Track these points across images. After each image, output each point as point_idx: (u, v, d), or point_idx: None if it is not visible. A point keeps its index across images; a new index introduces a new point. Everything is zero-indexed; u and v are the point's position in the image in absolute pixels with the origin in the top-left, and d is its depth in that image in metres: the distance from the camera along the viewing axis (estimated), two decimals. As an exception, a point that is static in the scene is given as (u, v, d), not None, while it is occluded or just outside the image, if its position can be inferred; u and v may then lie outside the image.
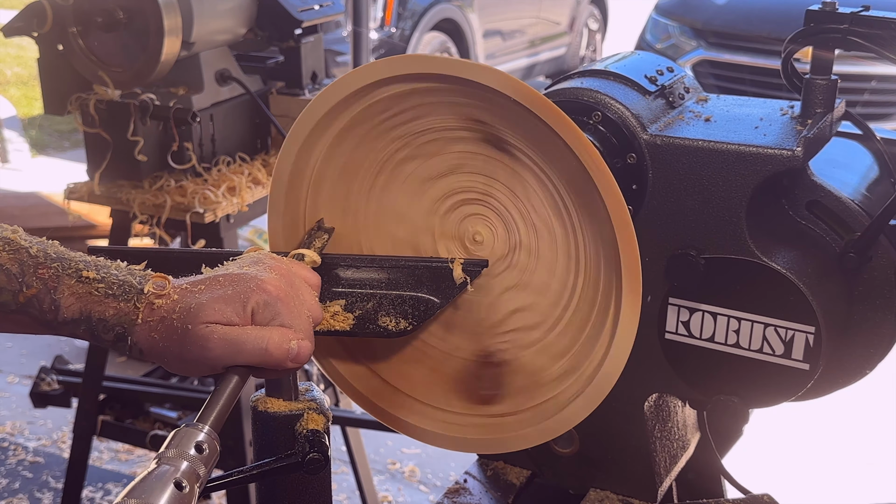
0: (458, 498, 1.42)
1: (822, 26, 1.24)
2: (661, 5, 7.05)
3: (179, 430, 0.94)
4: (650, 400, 1.34)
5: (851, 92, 5.84)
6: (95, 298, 1.00)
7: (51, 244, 1.03)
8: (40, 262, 1.00)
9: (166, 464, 0.90)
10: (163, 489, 0.87)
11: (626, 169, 1.24)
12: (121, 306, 1.00)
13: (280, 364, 1.01)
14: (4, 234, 1.01)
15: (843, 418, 3.78)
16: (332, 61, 6.60)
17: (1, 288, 0.99)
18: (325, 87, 1.19)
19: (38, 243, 1.02)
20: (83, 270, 1.00)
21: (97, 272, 1.01)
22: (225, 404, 0.99)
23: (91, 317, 1.00)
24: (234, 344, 0.99)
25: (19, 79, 9.63)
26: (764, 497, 1.36)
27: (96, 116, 2.43)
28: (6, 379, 4.35)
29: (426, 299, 1.19)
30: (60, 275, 1.00)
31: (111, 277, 1.01)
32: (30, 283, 0.99)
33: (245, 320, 1.00)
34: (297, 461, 1.12)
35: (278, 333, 1.00)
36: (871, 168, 1.38)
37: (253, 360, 1.00)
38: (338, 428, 3.02)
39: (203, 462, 0.92)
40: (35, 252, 1.00)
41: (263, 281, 1.02)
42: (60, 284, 1.00)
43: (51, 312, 1.00)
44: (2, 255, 0.99)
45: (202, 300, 0.99)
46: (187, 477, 0.90)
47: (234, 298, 1.00)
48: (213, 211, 2.45)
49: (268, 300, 1.01)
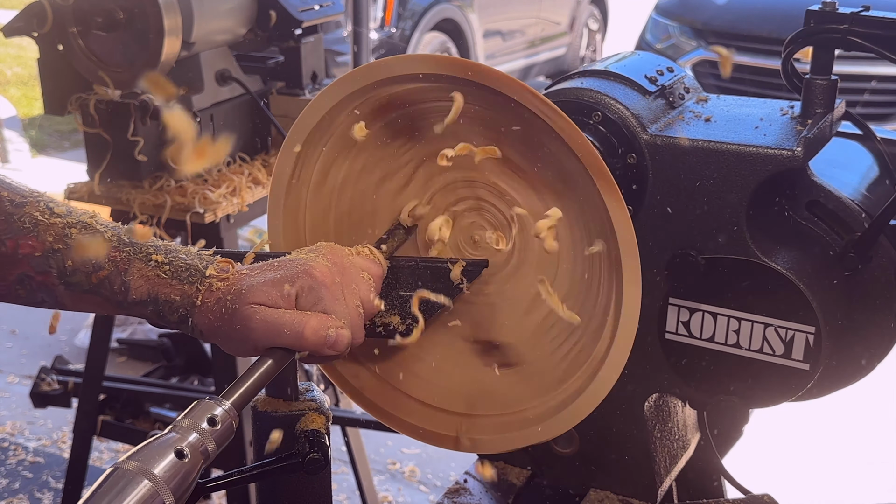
0: (458, 498, 1.42)
1: (822, 26, 1.24)
2: (661, 5, 7.05)
3: (201, 401, 0.94)
4: (650, 400, 1.34)
5: (851, 92, 5.83)
6: (163, 281, 1.05)
7: (126, 229, 1.08)
8: (114, 245, 1.06)
9: (176, 431, 0.90)
10: (163, 455, 0.87)
11: (626, 169, 1.24)
12: (185, 289, 1.04)
13: (316, 350, 1.02)
14: (83, 217, 1.07)
15: (843, 418, 3.78)
16: (332, 61, 6.59)
17: (75, 269, 1.05)
18: (326, 86, 1.19)
19: (113, 228, 1.08)
20: (153, 254, 1.06)
21: (166, 256, 1.06)
22: (253, 384, 0.99)
23: (158, 298, 1.05)
24: (273, 325, 1.01)
25: (19, 79, 9.63)
26: (764, 497, 1.36)
27: (96, 116, 2.43)
28: (6, 379, 4.35)
29: (425, 299, 1.19)
30: (131, 258, 1.05)
31: (179, 261, 1.06)
32: (102, 264, 1.05)
33: (289, 303, 1.03)
34: (297, 461, 1.12)
35: (317, 319, 1.02)
36: (871, 168, 1.38)
37: (290, 343, 1.02)
38: (338, 428, 3.02)
39: (213, 437, 0.92)
40: (109, 236, 1.06)
41: (312, 266, 1.04)
42: (131, 267, 1.05)
43: (121, 293, 1.05)
44: (77, 237, 1.05)
45: (252, 283, 1.03)
46: (192, 447, 0.89)
47: (281, 281, 1.03)
48: (213, 211, 2.45)
49: (312, 285, 1.03)
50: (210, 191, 2.48)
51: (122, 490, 0.83)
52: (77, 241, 1.05)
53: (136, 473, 0.85)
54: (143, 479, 0.84)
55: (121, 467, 0.85)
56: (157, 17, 2.29)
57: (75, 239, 1.05)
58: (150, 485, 0.85)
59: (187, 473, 0.88)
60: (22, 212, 1.05)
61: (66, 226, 1.05)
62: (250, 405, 1.20)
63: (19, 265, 1.05)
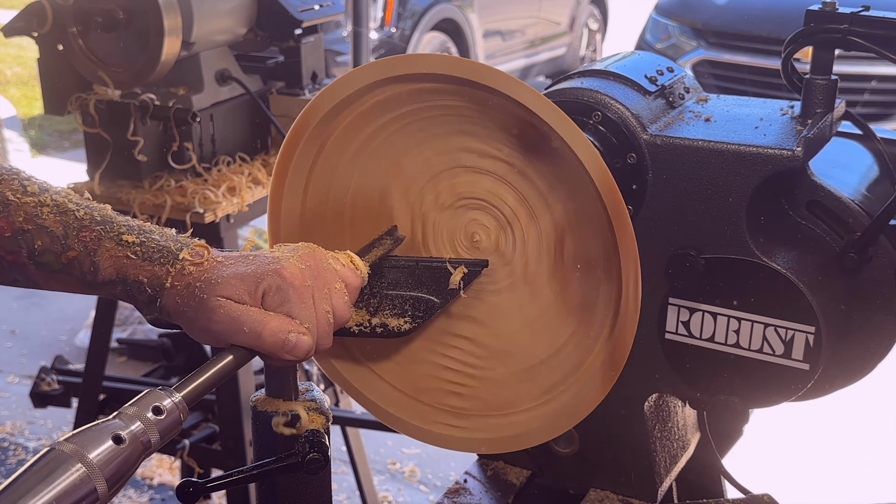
0: (458, 498, 1.42)
1: (822, 26, 1.24)
2: (661, 5, 7.05)
3: (150, 391, 0.93)
4: (650, 400, 1.34)
5: (851, 92, 5.83)
6: (132, 262, 1.04)
7: (99, 208, 1.07)
8: (84, 224, 1.05)
9: (120, 418, 0.89)
10: (101, 440, 0.86)
11: (626, 169, 1.24)
12: (154, 270, 1.03)
13: (274, 352, 1.00)
14: (56, 197, 1.06)
15: (843, 418, 3.78)
16: (332, 61, 6.59)
17: (45, 249, 1.04)
18: (325, 86, 1.19)
19: (85, 207, 1.06)
20: (124, 234, 1.05)
21: (137, 236, 1.05)
22: (207, 379, 0.98)
23: (127, 278, 1.04)
24: (234, 321, 1.00)
25: (19, 79, 9.63)
26: (764, 497, 1.36)
27: (96, 116, 2.43)
28: (6, 379, 4.34)
29: (426, 299, 1.19)
30: (102, 237, 1.04)
31: (151, 242, 1.05)
32: (72, 245, 1.04)
33: (255, 301, 1.01)
34: (297, 461, 1.12)
35: (278, 322, 1.00)
36: (871, 168, 1.38)
37: (248, 342, 1.00)
38: (338, 428, 3.02)
39: (157, 426, 0.91)
40: (81, 215, 1.05)
41: (283, 266, 1.03)
42: (100, 247, 1.04)
43: (90, 273, 1.04)
44: (48, 217, 1.04)
45: (223, 274, 1.02)
46: (131, 435, 0.88)
47: (250, 277, 1.02)
48: (213, 211, 2.45)
49: (280, 285, 1.01)
50: (210, 191, 2.48)
51: (53, 471, 0.83)
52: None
53: (70, 456, 0.84)
54: (76, 461, 0.84)
55: (56, 448, 0.84)
56: (157, 17, 2.29)
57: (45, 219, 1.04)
58: (84, 469, 0.84)
59: (125, 461, 0.87)
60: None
61: (38, 205, 1.04)
62: (250, 405, 1.20)
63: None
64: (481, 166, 1.22)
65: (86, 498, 0.83)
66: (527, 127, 1.14)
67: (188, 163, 2.49)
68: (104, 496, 0.85)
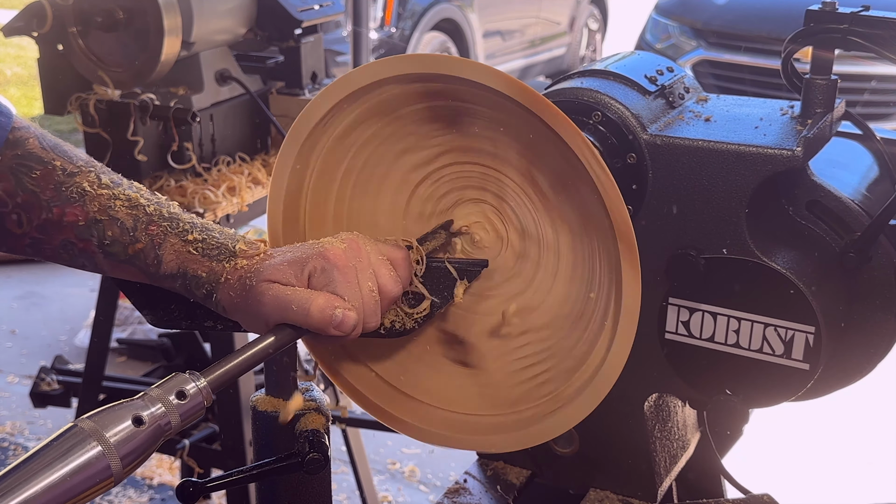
0: (458, 498, 1.42)
1: (822, 26, 1.24)
2: (661, 5, 7.05)
3: (177, 374, 0.95)
4: (650, 400, 1.34)
5: (851, 92, 5.84)
6: (192, 257, 1.10)
7: (169, 204, 1.14)
8: (153, 219, 1.11)
9: (143, 399, 0.90)
10: (121, 419, 0.87)
11: (626, 169, 1.24)
12: (213, 266, 1.09)
13: (321, 329, 1.04)
14: (129, 191, 1.13)
15: (843, 418, 3.78)
16: (332, 61, 6.59)
17: (114, 240, 1.11)
18: (325, 86, 1.19)
19: (156, 202, 1.14)
20: (188, 231, 1.11)
21: (200, 234, 1.11)
22: (240, 363, 1.00)
23: (187, 273, 1.10)
24: (282, 301, 1.04)
25: (19, 79, 9.63)
26: (764, 497, 1.36)
27: (96, 116, 2.43)
28: (6, 379, 4.35)
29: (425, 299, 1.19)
30: (168, 233, 1.11)
31: (212, 239, 1.11)
32: (139, 237, 1.11)
33: (302, 283, 1.07)
34: (297, 461, 1.12)
35: (324, 298, 1.05)
36: (871, 168, 1.38)
37: (296, 320, 1.04)
38: (338, 428, 3.02)
39: (179, 410, 0.92)
40: (151, 210, 1.12)
41: (326, 249, 1.08)
42: (165, 242, 1.10)
43: (154, 266, 1.11)
44: (120, 210, 1.11)
45: (271, 262, 1.08)
46: (152, 417, 0.89)
47: (296, 262, 1.07)
48: (213, 211, 2.45)
49: (325, 266, 1.07)
50: (210, 191, 2.48)
51: (70, 448, 0.84)
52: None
53: (88, 434, 0.85)
54: (92, 440, 0.85)
55: (77, 425, 0.86)
56: (157, 17, 2.29)
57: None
58: (99, 448, 0.84)
59: (143, 442, 0.87)
60: (72, 181, 1.11)
61: (112, 197, 1.11)
62: (250, 405, 1.20)
63: (64, 231, 1.11)
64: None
65: (99, 475, 0.84)
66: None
67: (188, 163, 2.49)
68: (118, 474, 0.86)
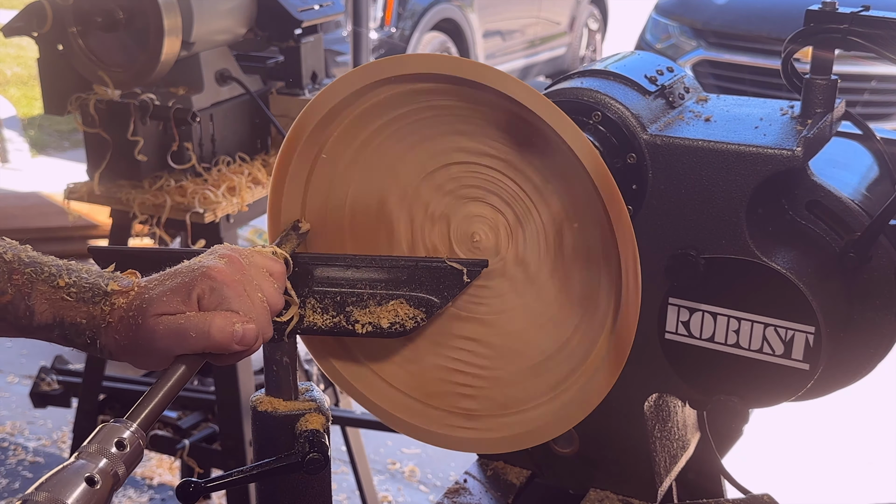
0: (458, 498, 1.42)
1: (822, 26, 1.24)
2: (661, 5, 7.05)
3: (105, 426, 0.92)
4: (650, 400, 1.34)
5: (851, 92, 5.83)
6: (68, 304, 1.01)
7: (23, 248, 1.04)
8: (14, 267, 1.01)
9: (84, 458, 0.89)
10: (74, 484, 0.86)
11: (626, 169, 1.24)
12: (91, 310, 1.01)
13: (225, 347, 1.00)
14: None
15: (843, 418, 3.78)
16: (332, 61, 6.59)
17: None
18: (325, 86, 1.19)
19: (11, 248, 1.03)
20: (56, 276, 1.01)
21: (69, 277, 1.02)
22: (161, 399, 0.97)
23: (64, 321, 1.01)
24: (178, 331, 0.99)
25: (19, 79, 9.63)
26: (764, 497, 1.36)
27: (96, 116, 2.43)
28: (6, 379, 4.34)
29: (426, 299, 1.19)
30: (34, 280, 1.01)
31: (82, 281, 1.02)
32: (4, 289, 1.00)
33: (192, 308, 1.00)
34: (297, 461, 1.12)
35: (222, 317, 1.00)
36: (871, 168, 1.38)
37: (199, 346, 0.99)
38: (338, 428, 3.02)
39: (122, 460, 0.90)
40: (9, 258, 1.01)
41: (209, 268, 1.02)
42: (34, 290, 1.01)
43: (25, 318, 1.01)
44: None
45: (153, 294, 1.00)
46: (102, 474, 0.88)
47: (181, 288, 1.01)
48: (213, 211, 2.45)
49: (213, 286, 1.01)
50: (210, 191, 2.48)
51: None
52: None
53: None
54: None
55: (31, 499, 0.83)
56: (157, 17, 2.29)
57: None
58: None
59: (100, 500, 0.87)
60: None
61: None
62: (250, 405, 1.20)
63: None
64: (475, 161, 1.22)
65: None
66: (517, 121, 1.14)
67: (188, 163, 2.49)
68: None
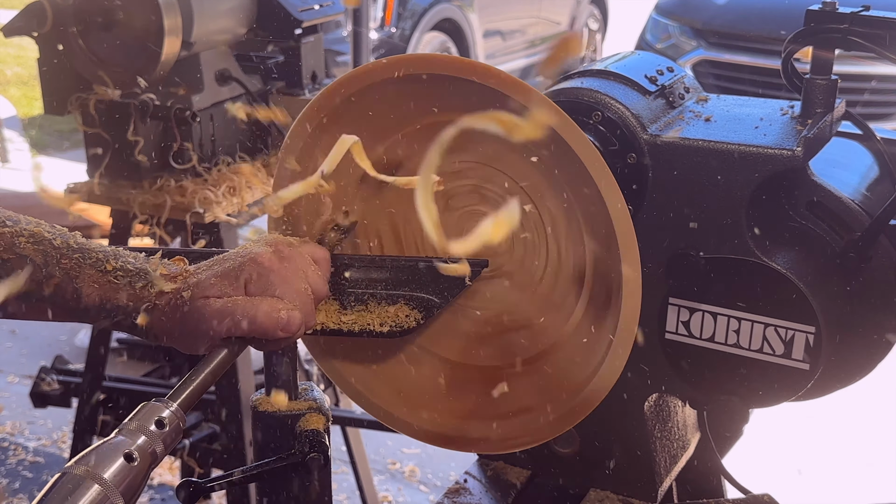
0: (458, 498, 1.42)
1: (822, 26, 1.24)
2: (661, 5, 7.05)
3: (146, 404, 0.95)
4: (650, 400, 1.34)
5: (851, 92, 5.83)
6: (114, 286, 1.05)
7: (72, 235, 1.08)
8: (63, 253, 1.05)
9: (123, 435, 0.91)
10: (112, 459, 0.88)
11: (626, 169, 1.24)
12: (137, 293, 1.05)
13: (270, 333, 1.03)
14: (28, 227, 1.05)
15: (843, 418, 3.78)
16: (332, 61, 6.59)
17: (26, 279, 1.03)
18: (326, 86, 1.19)
19: (60, 235, 1.07)
20: (103, 261, 1.05)
21: (115, 262, 1.06)
22: (203, 381, 1.01)
23: (110, 304, 1.05)
24: (225, 314, 1.02)
25: (19, 79, 9.63)
26: (764, 497, 1.36)
27: (96, 116, 2.43)
28: (6, 379, 4.34)
29: (426, 299, 1.19)
30: (81, 265, 1.05)
31: (128, 265, 1.06)
32: (53, 273, 1.04)
33: (238, 292, 1.04)
34: (297, 461, 1.12)
35: (268, 303, 1.03)
36: (871, 168, 1.38)
37: (244, 331, 1.03)
38: (338, 428, 3.02)
39: (161, 438, 0.93)
40: (58, 244, 1.05)
41: (257, 255, 1.06)
42: (81, 273, 1.05)
43: (73, 301, 1.05)
44: (26, 247, 1.03)
45: (201, 278, 1.05)
46: (140, 451, 0.90)
47: (229, 273, 1.05)
48: (213, 211, 2.45)
49: (260, 272, 1.05)
50: (210, 191, 2.48)
51: (72, 494, 0.84)
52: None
53: (84, 478, 0.85)
54: (92, 483, 0.85)
55: (69, 472, 0.86)
56: (157, 17, 2.29)
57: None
58: (100, 489, 0.85)
59: (136, 476, 0.89)
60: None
61: (14, 235, 1.04)
62: (250, 405, 1.20)
63: None
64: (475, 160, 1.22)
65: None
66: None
67: (188, 163, 2.49)
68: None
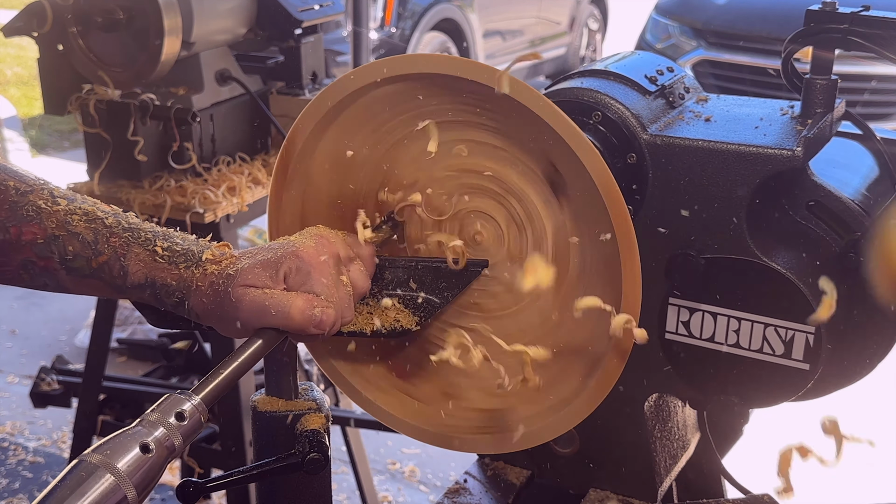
0: (458, 498, 1.42)
1: (822, 26, 1.24)
2: (661, 5, 7.05)
3: (170, 395, 0.95)
4: (650, 400, 1.34)
5: (851, 92, 5.84)
6: (160, 265, 1.08)
7: (126, 216, 1.12)
8: (113, 231, 1.09)
9: (143, 425, 0.91)
10: (128, 449, 0.88)
11: (626, 169, 1.24)
12: (181, 273, 1.07)
13: (302, 329, 1.05)
14: (84, 205, 1.10)
15: (844, 418, 3.78)
16: (332, 61, 6.60)
17: (76, 254, 1.08)
18: (326, 86, 1.19)
19: (113, 214, 1.11)
20: (151, 241, 1.09)
21: (164, 242, 1.09)
22: (230, 374, 1.01)
23: (155, 282, 1.08)
24: (261, 306, 1.04)
25: (19, 79, 9.63)
26: (764, 497, 1.36)
27: (96, 116, 2.43)
28: (6, 379, 4.35)
29: (426, 299, 1.19)
30: (130, 243, 1.08)
31: (176, 246, 1.09)
32: (102, 250, 1.08)
33: (278, 283, 1.06)
34: (297, 461, 1.12)
35: (303, 299, 1.05)
36: (871, 168, 1.38)
37: (277, 323, 1.04)
38: (338, 428, 3.02)
39: (180, 431, 0.93)
40: (110, 222, 1.10)
41: (298, 248, 1.08)
42: (129, 252, 1.08)
43: (120, 278, 1.08)
44: (79, 224, 1.08)
45: (243, 265, 1.06)
46: (157, 442, 0.90)
47: (270, 263, 1.07)
48: (213, 211, 2.45)
49: (300, 266, 1.07)
50: (210, 191, 2.48)
51: (85, 482, 0.84)
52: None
53: (98, 466, 0.85)
54: (105, 472, 0.85)
55: (84, 460, 0.86)
56: (157, 17, 2.29)
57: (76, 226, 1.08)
58: (113, 478, 0.85)
59: (152, 467, 0.89)
60: (26, 200, 1.08)
61: (68, 212, 1.08)
62: (250, 405, 1.20)
63: (23, 251, 1.08)
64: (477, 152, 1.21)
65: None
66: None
67: (188, 163, 2.49)
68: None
